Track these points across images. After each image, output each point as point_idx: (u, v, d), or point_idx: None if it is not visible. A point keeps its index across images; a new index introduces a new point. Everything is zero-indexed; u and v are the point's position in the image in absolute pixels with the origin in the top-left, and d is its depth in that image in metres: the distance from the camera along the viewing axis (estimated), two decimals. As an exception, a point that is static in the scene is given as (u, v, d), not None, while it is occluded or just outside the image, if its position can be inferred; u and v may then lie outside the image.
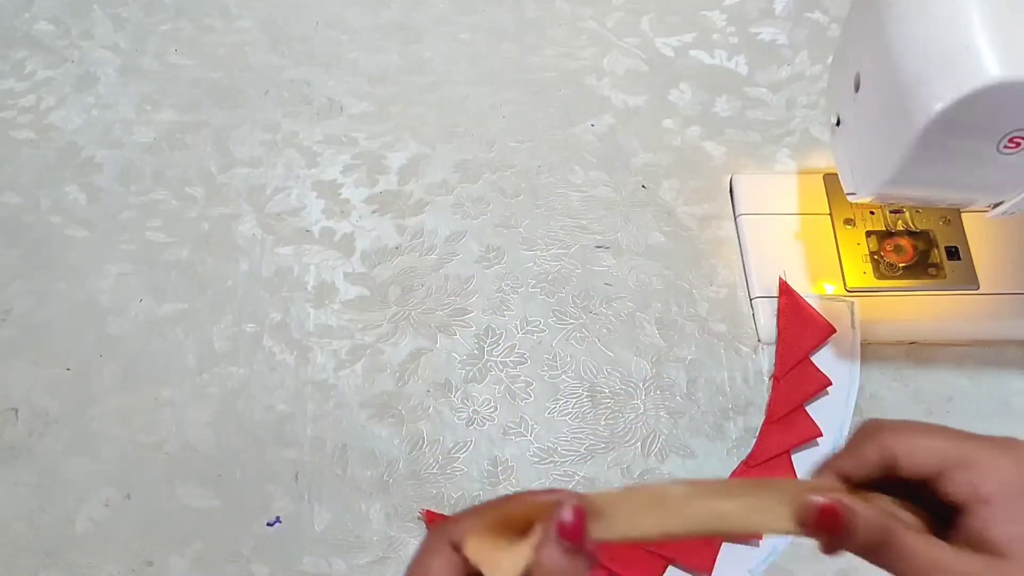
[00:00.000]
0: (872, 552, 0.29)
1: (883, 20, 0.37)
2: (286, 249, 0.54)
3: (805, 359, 0.47)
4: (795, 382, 0.48)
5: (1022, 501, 0.28)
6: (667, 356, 0.51)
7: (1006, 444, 0.29)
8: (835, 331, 0.46)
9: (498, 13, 0.63)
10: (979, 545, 0.28)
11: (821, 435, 0.47)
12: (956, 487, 0.29)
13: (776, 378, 0.48)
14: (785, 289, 0.48)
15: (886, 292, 0.51)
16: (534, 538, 0.27)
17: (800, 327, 0.48)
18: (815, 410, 0.47)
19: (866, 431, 0.30)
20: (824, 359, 0.48)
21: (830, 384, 0.47)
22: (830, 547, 0.29)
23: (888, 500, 0.30)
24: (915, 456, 0.29)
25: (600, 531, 0.28)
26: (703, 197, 0.56)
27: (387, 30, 0.62)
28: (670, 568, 0.44)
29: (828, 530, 0.29)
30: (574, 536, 0.27)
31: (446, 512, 0.46)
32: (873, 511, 0.29)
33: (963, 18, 0.34)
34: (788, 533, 0.29)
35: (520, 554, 0.27)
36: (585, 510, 0.27)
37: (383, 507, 0.46)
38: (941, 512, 0.29)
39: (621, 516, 0.30)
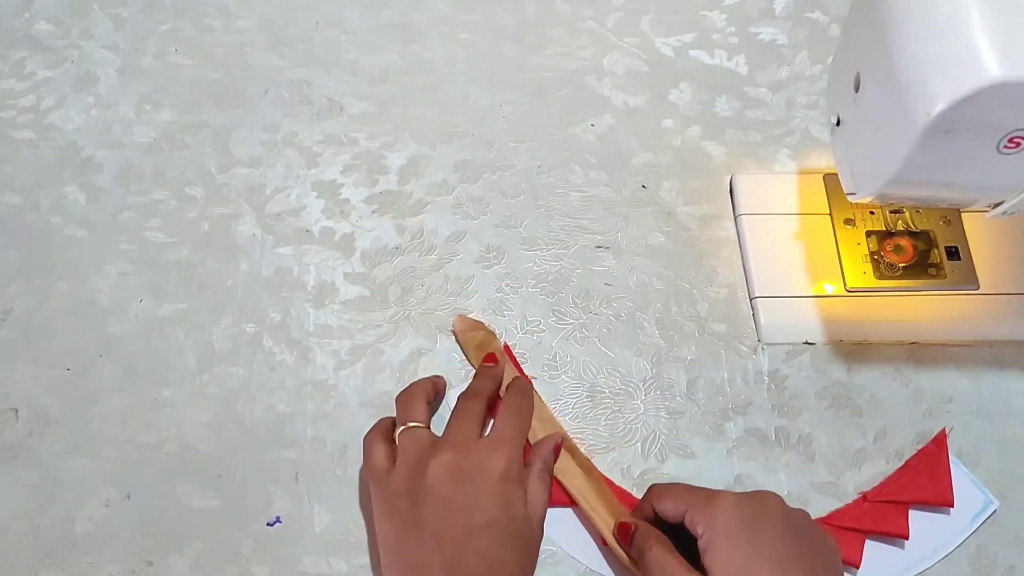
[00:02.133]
0: (638, 558, 0.41)
1: (883, 20, 0.37)
2: (286, 249, 0.54)
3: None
4: (921, 481, 0.46)
5: (727, 537, 0.39)
6: (667, 356, 0.51)
7: (729, 494, 0.40)
8: (952, 506, 0.45)
9: (498, 13, 0.63)
10: (703, 566, 0.39)
11: (907, 538, 0.45)
12: (691, 525, 0.40)
13: (865, 496, 0.46)
14: (941, 442, 0.47)
15: (886, 292, 0.51)
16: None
17: (926, 478, 0.46)
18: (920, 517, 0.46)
19: (647, 493, 0.44)
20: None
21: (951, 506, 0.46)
22: (626, 550, 0.43)
23: (660, 534, 0.42)
24: (664, 507, 0.42)
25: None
26: (703, 197, 0.56)
27: (387, 30, 0.62)
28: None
29: (622, 536, 0.43)
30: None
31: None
32: (642, 531, 0.42)
33: (963, 18, 0.34)
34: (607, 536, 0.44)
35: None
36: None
37: (383, 507, 0.46)
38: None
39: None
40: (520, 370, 0.49)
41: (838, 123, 0.44)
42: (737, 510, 0.39)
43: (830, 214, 0.53)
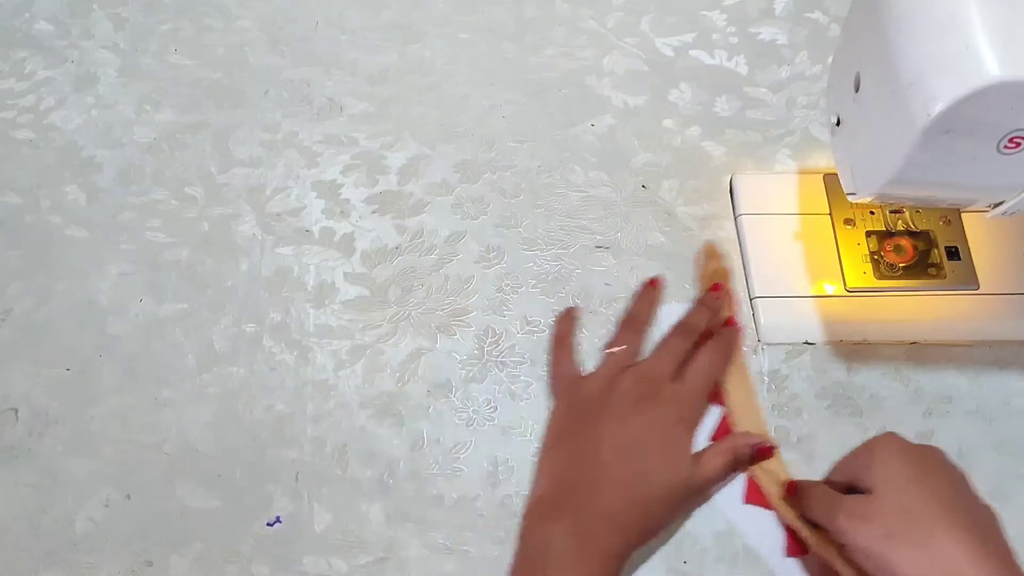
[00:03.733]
0: (807, 507, 0.43)
1: (883, 20, 0.37)
2: (286, 249, 0.54)
3: None
4: None
5: (893, 454, 0.40)
6: (667, 356, 0.51)
7: (891, 435, 0.42)
8: None
9: (498, 13, 0.63)
10: (869, 485, 0.40)
11: None
12: (855, 470, 0.42)
13: None
14: None
15: (886, 292, 0.51)
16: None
17: None
18: None
19: (805, 495, 0.44)
20: None
21: None
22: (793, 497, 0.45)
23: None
24: (834, 477, 0.44)
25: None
26: (703, 197, 0.56)
27: (387, 30, 0.62)
28: None
29: (790, 493, 0.45)
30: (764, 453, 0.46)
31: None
32: (803, 485, 0.44)
33: (963, 18, 0.34)
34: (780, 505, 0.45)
35: None
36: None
37: (383, 507, 0.46)
38: None
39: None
40: (734, 315, 0.51)
41: (838, 123, 0.44)
42: (899, 439, 0.42)
43: (830, 214, 0.53)
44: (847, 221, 0.52)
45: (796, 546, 0.45)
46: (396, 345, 0.51)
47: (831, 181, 0.54)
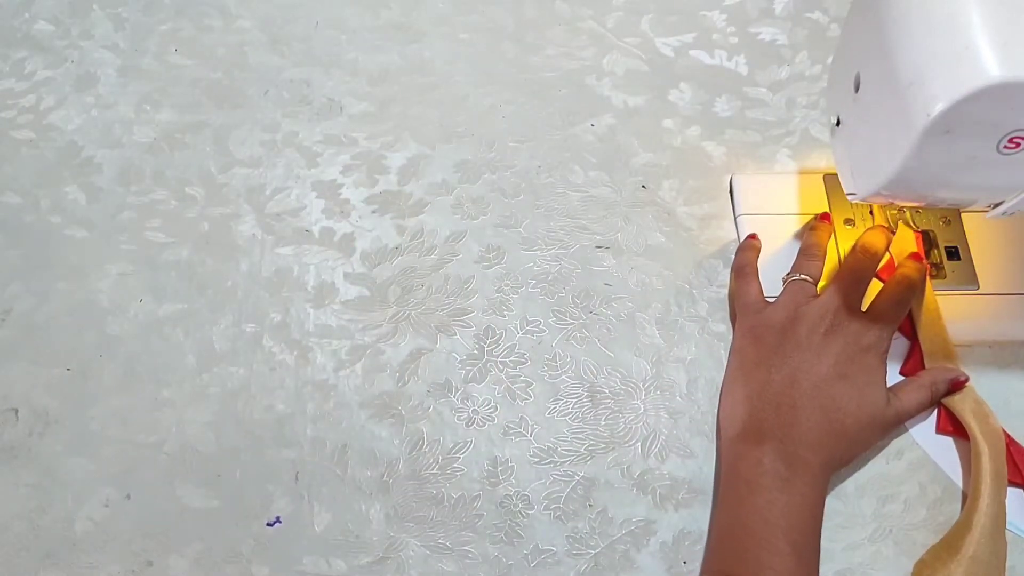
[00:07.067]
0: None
1: (883, 20, 0.37)
2: (286, 249, 0.54)
3: None
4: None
5: None
6: (667, 356, 0.51)
7: None
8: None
9: (498, 13, 0.63)
10: None
11: None
12: None
13: None
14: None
15: (886, 292, 0.51)
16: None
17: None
18: None
19: None
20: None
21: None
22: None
23: None
24: None
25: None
26: (703, 197, 0.56)
27: (387, 30, 0.62)
28: None
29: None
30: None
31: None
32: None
33: (963, 18, 0.34)
34: None
35: None
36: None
37: (383, 507, 0.46)
38: None
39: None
40: (919, 251, 0.50)
41: (838, 123, 0.44)
42: None
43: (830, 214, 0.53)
44: (847, 221, 0.52)
45: (948, 423, 0.47)
46: (396, 345, 0.51)
47: (831, 181, 0.54)
